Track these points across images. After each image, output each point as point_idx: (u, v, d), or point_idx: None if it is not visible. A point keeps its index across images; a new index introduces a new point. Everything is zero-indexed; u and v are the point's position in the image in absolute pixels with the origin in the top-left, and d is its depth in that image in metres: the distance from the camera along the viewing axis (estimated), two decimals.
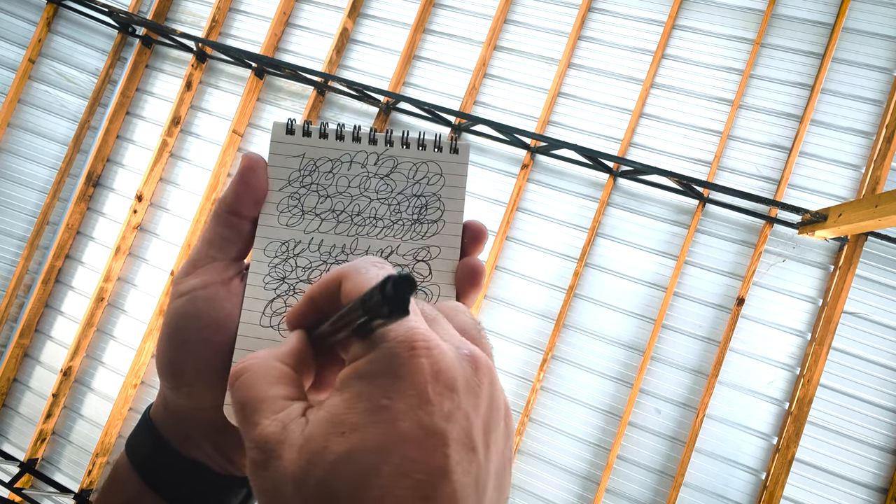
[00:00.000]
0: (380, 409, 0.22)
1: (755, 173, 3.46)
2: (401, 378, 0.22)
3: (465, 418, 0.22)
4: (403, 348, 0.22)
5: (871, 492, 3.04)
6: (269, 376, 0.26)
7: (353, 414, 0.22)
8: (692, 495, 3.24)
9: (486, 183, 3.84)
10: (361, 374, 0.23)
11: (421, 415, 0.21)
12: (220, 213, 0.35)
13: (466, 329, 0.28)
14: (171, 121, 4.25)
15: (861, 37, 3.39)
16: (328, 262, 0.36)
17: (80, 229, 4.47)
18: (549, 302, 3.62)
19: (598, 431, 3.43)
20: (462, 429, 0.22)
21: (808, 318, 3.25)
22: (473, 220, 0.37)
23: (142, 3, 4.51)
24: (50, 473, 4.22)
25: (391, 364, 0.22)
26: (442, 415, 0.21)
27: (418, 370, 0.22)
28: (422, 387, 0.22)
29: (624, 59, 3.75)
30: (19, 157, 4.51)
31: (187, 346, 0.33)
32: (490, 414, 0.24)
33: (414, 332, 0.23)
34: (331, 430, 0.22)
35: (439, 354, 0.23)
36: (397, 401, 0.22)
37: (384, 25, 4.17)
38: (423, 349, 0.22)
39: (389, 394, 0.22)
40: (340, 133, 0.37)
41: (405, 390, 0.22)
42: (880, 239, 3.18)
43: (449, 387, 0.22)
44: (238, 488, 0.36)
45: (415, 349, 0.22)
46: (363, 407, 0.22)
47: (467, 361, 0.24)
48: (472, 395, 0.23)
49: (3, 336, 4.45)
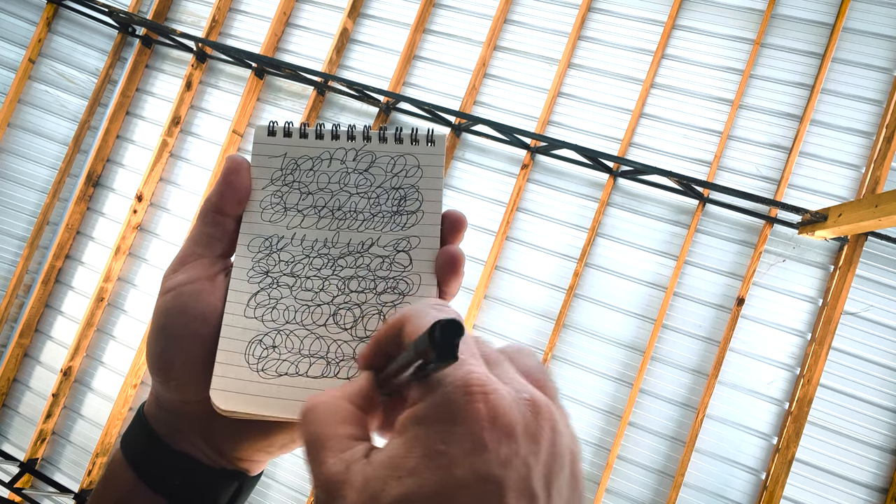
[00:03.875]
0: (436, 455, 0.21)
1: (755, 173, 3.46)
2: (456, 423, 0.22)
3: (523, 465, 0.21)
4: (459, 393, 0.22)
5: (871, 492, 3.04)
6: (338, 415, 0.27)
7: (411, 458, 0.22)
8: (692, 495, 3.24)
9: (486, 183, 3.84)
10: (420, 418, 0.23)
11: (476, 461, 0.21)
12: (205, 213, 0.36)
13: (531, 372, 0.28)
14: (171, 121, 4.25)
15: (861, 37, 3.39)
16: (311, 256, 0.37)
17: (80, 229, 4.47)
18: (549, 302, 3.62)
19: (598, 431, 3.43)
20: (520, 476, 0.21)
21: (808, 318, 3.25)
22: (452, 210, 0.38)
23: (142, 3, 4.51)
24: (50, 473, 4.22)
25: (447, 409, 0.22)
26: (498, 461, 0.21)
27: (474, 415, 0.22)
28: (477, 432, 0.21)
29: (624, 59, 3.75)
30: (19, 157, 4.51)
31: (175, 340, 0.34)
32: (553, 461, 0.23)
33: (470, 375, 0.23)
34: (389, 474, 0.22)
35: (496, 399, 0.22)
36: (453, 446, 0.21)
37: (384, 25, 4.17)
38: (480, 394, 0.22)
39: (445, 439, 0.22)
40: (320, 132, 0.39)
41: (461, 435, 0.21)
42: (880, 239, 3.18)
43: (506, 432, 0.22)
44: (229, 481, 0.36)
45: (471, 394, 0.22)
46: (420, 452, 0.22)
47: (526, 406, 0.23)
48: (532, 441, 0.22)
49: (3, 336, 4.45)
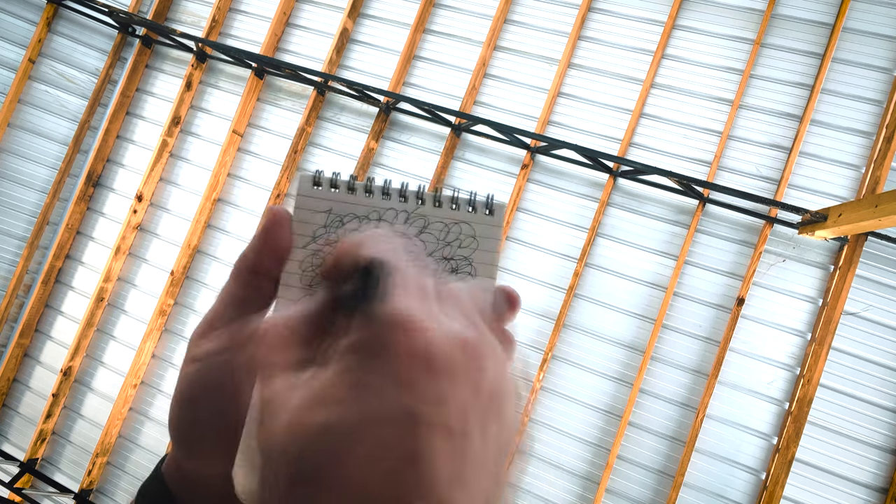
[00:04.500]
0: (361, 387, 0.21)
1: (755, 173, 3.46)
2: (385, 357, 0.22)
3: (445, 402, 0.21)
4: (392, 328, 0.22)
5: (871, 492, 3.04)
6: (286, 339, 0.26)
7: (338, 388, 0.22)
8: (692, 495, 3.24)
9: (486, 183, 3.84)
10: (352, 348, 0.23)
11: (399, 396, 0.21)
12: (240, 271, 0.33)
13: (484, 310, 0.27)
14: (171, 121, 4.25)
15: (861, 37, 3.39)
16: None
17: (80, 229, 4.47)
18: (549, 302, 3.62)
19: (598, 431, 3.43)
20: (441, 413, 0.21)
21: (808, 318, 3.25)
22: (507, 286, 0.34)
23: (142, 3, 4.51)
24: (50, 473, 4.22)
25: (378, 342, 0.22)
26: (420, 398, 0.21)
27: (403, 350, 0.21)
28: (404, 368, 0.21)
29: (624, 59, 3.75)
30: (19, 157, 4.51)
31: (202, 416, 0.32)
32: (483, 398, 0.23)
33: (403, 309, 0.23)
34: (317, 401, 0.22)
35: (427, 336, 0.22)
36: (378, 379, 0.21)
37: (384, 25, 4.17)
38: (411, 330, 0.22)
39: (373, 372, 0.21)
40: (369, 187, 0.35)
41: (387, 370, 0.21)
42: (880, 239, 3.18)
43: (432, 369, 0.21)
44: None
45: (403, 330, 0.22)
46: (348, 382, 0.22)
47: (458, 344, 0.23)
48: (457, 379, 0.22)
49: (3, 336, 4.45)
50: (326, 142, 4.15)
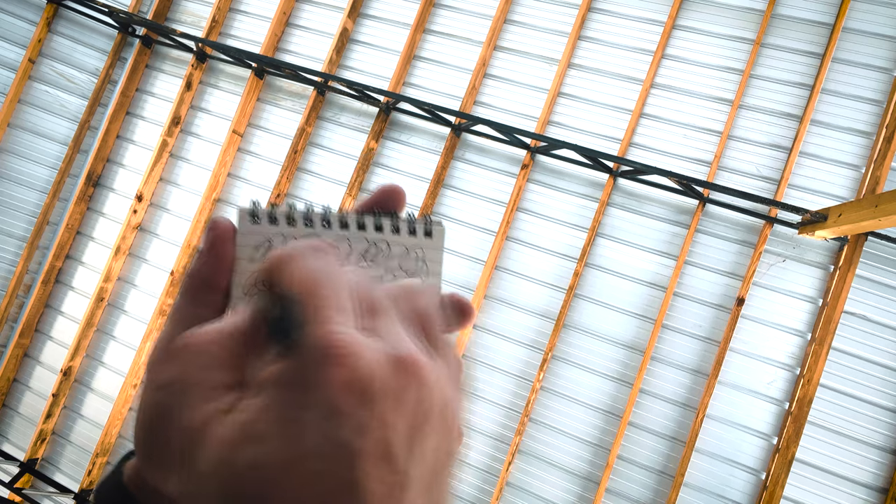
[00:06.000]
0: (288, 422, 0.21)
1: (755, 173, 3.46)
2: (311, 389, 0.21)
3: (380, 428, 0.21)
4: (316, 357, 0.21)
5: (871, 492, 3.04)
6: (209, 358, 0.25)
7: (264, 423, 0.21)
8: (692, 495, 3.24)
9: (486, 183, 3.84)
10: (275, 380, 0.22)
11: (328, 428, 0.20)
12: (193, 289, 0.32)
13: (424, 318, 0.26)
14: (171, 121, 4.25)
15: (861, 37, 3.39)
16: None
17: (80, 229, 4.47)
18: (549, 302, 3.62)
19: (598, 431, 3.43)
20: (377, 439, 0.21)
21: (808, 318, 3.25)
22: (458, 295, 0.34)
23: (142, 3, 4.51)
24: (50, 473, 4.22)
25: (302, 373, 0.21)
26: (352, 427, 0.20)
27: (329, 381, 0.21)
28: (332, 398, 0.21)
29: (624, 59, 3.75)
30: (19, 157, 4.51)
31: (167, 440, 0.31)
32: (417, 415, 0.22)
33: (331, 337, 0.22)
34: (242, 438, 0.21)
35: (354, 362, 0.21)
36: (306, 413, 0.21)
37: (384, 25, 4.17)
38: (338, 356, 0.21)
39: (299, 405, 0.21)
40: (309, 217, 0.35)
41: (315, 402, 0.21)
42: (880, 239, 3.18)
43: (362, 396, 0.21)
44: None
45: (328, 357, 0.21)
46: (273, 416, 0.21)
47: (391, 364, 0.22)
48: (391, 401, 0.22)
49: (3, 336, 4.45)
50: (326, 142, 4.15)
